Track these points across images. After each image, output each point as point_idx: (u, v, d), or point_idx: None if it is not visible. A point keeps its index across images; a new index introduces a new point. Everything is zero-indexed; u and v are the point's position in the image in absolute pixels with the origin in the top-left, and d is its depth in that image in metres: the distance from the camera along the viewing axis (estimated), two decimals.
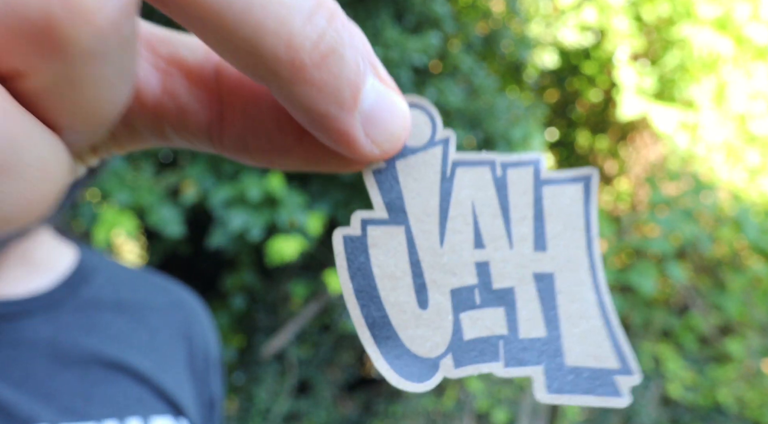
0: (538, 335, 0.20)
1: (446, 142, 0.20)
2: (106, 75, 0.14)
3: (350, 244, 0.20)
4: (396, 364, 0.20)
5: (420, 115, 0.20)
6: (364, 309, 0.20)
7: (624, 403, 0.20)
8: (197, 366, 0.67)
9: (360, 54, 0.17)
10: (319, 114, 0.17)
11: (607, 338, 0.20)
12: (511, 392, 2.47)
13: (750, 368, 2.62)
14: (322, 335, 2.61)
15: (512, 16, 2.74)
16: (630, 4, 3.23)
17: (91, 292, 0.63)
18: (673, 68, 3.10)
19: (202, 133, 0.20)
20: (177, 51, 0.20)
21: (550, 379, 0.20)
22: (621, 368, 0.20)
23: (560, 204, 0.21)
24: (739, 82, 3.05)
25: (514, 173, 0.21)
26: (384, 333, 0.20)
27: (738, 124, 3.08)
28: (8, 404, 0.53)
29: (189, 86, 0.19)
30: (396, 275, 0.20)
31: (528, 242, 0.20)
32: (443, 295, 0.20)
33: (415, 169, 0.20)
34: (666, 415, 2.61)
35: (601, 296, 0.21)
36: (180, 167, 2.27)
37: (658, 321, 2.78)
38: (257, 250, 2.27)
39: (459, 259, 0.20)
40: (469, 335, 0.20)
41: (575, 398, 0.20)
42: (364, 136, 0.18)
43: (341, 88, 0.17)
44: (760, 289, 2.72)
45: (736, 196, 2.86)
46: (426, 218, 0.20)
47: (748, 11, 3.03)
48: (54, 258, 0.63)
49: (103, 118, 0.15)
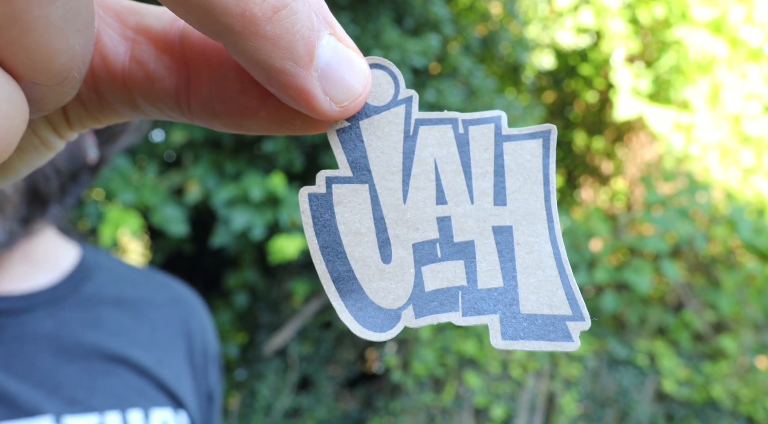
0: (496, 285, 0.21)
1: (409, 101, 0.21)
2: (52, 16, 0.14)
3: (315, 201, 0.20)
4: (359, 315, 0.20)
5: (383, 76, 0.20)
6: (329, 264, 0.20)
7: (574, 347, 0.21)
8: (196, 361, 0.68)
9: (313, 9, 0.17)
10: (275, 70, 0.17)
11: (561, 287, 0.21)
12: (509, 387, 2.50)
13: (743, 364, 2.65)
14: (323, 332, 2.63)
15: (510, 18, 2.77)
16: (626, 7, 3.27)
17: (93, 288, 0.64)
18: (668, 70, 3.13)
19: (171, 100, 0.20)
20: (143, 20, 0.20)
21: (505, 326, 0.21)
22: (573, 314, 0.21)
23: (520, 159, 0.21)
24: (733, 83, 3.08)
25: (476, 130, 0.21)
26: (349, 287, 0.21)
27: (732, 125, 3.12)
28: (14, 395, 0.54)
29: (156, 53, 0.20)
30: (360, 231, 0.21)
31: (488, 196, 0.21)
32: (406, 249, 0.21)
33: (379, 128, 0.21)
34: (661, 410, 2.64)
35: (556, 247, 0.21)
36: (183, 167, 2.30)
37: (653, 318, 2.81)
38: (259, 249, 2.30)
39: (421, 214, 0.21)
40: (430, 286, 0.21)
41: (529, 343, 0.20)
42: (322, 94, 0.18)
43: (295, 43, 0.17)
44: (753, 287, 2.74)
45: (730, 196, 2.89)
46: (390, 176, 0.21)
47: (743, 14, 3.06)
48: (57, 256, 0.64)
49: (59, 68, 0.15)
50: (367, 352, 2.78)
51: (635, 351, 2.71)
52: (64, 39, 0.14)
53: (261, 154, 2.29)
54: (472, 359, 2.50)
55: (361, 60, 0.19)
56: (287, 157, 2.25)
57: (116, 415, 0.58)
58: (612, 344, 2.72)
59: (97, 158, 0.64)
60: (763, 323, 2.70)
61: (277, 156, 2.24)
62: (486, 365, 2.48)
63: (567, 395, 2.51)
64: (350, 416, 2.57)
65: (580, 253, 2.70)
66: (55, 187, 0.61)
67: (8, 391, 0.54)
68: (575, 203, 3.52)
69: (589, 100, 3.65)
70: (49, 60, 0.15)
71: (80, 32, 0.15)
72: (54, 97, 0.16)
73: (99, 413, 0.57)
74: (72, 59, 0.15)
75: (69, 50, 0.15)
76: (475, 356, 2.48)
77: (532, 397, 2.54)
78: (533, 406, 2.54)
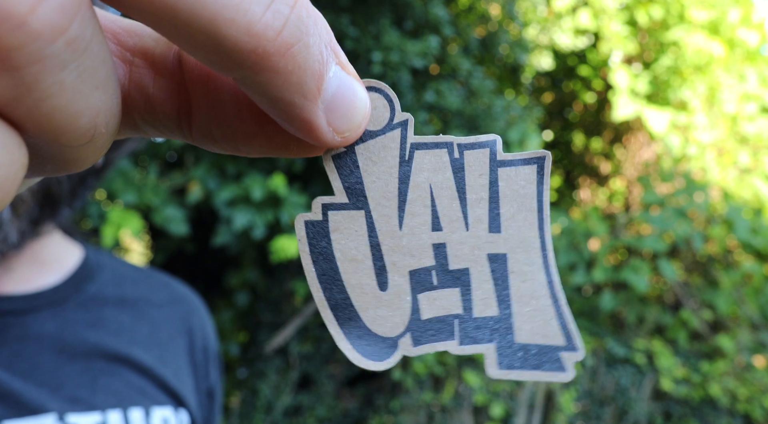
0: (491, 313, 0.21)
1: (404, 125, 0.20)
2: (66, 81, 0.14)
3: (312, 229, 0.20)
4: (357, 344, 0.20)
5: (378, 99, 0.20)
6: (326, 292, 0.20)
7: (568, 378, 0.21)
8: (197, 358, 0.69)
9: (323, 42, 0.17)
10: (284, 103, 0.17)
11: (555, 317, 0.21)
12: (508, 386, 2.51)
13: (741, 363, 2.66)
14: (323, 331, 2.64)
15: (509, 20, 2.79)
16: (624, 8, 3.29)
17: (95, 288, 0.65)
18: (666, 71, 3.14)
19: (172, 123, 0.20)
20: (142, 41, 0.19)
21: (501, 356, 0.21)
22: (566, 344, 0.21)
23: (515, 186, 0.21)
24: (730, 84, 3.10)
25: (471, 155, 0.21)
26: (346, 314, 0.20)
27: (729, 126, 3.13)
28: (18, 393, 0.55)
29: (155, 77, 0.19)
30: (357, 258, 0.20)
31: (483, 223, 0.21)
32: (402, 276, 0.21)
33: (375, 153, 0.20)
34: (659, 409, 2.65)
35: (550, 276, 0.21)
36: (185, 168, 2.31)
37: (651, 317, 2.83)
38: (260, 248, 2.31)
39: (417, 241, 0.21)
40: (426, 314, 0.21)
41: (524, 373, 0.21)
42: (326, 125, 0.18)
43: (306, 78, 0.17)
44: (750, 286, 2.76)
45: (727, 196, 2.91)
46: (385, 202, 0.20)
47: (740, 15, 3.08)
48: (61, 257, 0.65)
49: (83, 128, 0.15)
50: None
51: (633, 350, 2.72)
52: (83, 99, 0.14)
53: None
54: (471, 358, 2.51)
55: (362, 88, 0.19)
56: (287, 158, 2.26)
57: (118, 413, 0.58)
58: (610, 343, 2.74)
59: (102, 163, 0.65)
60: (760, 322, 2.72)
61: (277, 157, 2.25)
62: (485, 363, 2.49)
63: (565, 394, 2.53)
64: (350, 415, 2.59)
65: (578, 252, 2.72)
66: (66, 190, 0.62)
67: (12, 389, 0.54)
68: (574, 203, 3.54)
69: (587, 100, 3.66)
70: (71, 122, 0.14)
71: (100, 89, 0.15)
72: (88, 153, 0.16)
73: (101, 411, 0.58)
74: (96, 117, 0.15)
75: (91, 109, 0.15)
76: (475, 355, 2.49)
77: (531, 395, 2.55)
78: (532, 404, 2.55)
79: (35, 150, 0.15)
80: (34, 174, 0.17)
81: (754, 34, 3.09)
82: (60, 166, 0.17)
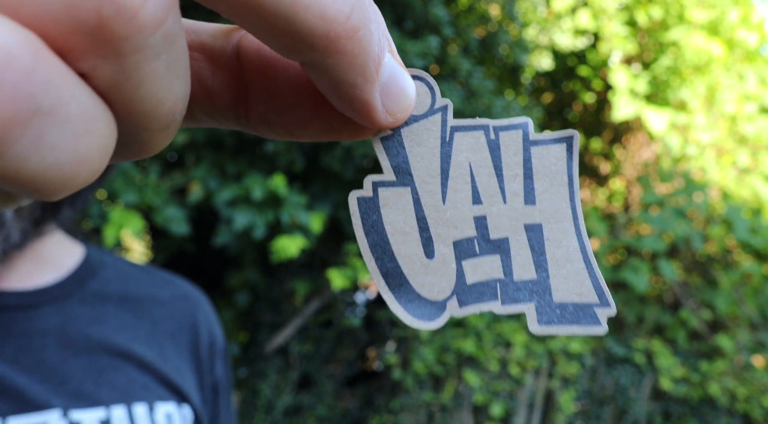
0: (530, 277, 0.23)
1: (445, 110, 0.23)
2: (159, 69, 0.15)
3: (364, 204, 0.22)
4: (409, 307, 0.22)
5: (421, 87, 0.22)
6: (378, 261, 0.22)
7: (603, 331, 0.22)
8: (202, 354, 0.69)
9: (381, 29, 0.19)
10: (347, 85, 0.18)
11: (588, 278, 0.23)
12: (508, 385, 2.52)
13: (740, 362, 2.67)
14: (323, 331, 2.65)
15: (509, 20, 2.79)
16: (623, 9, 3.29)
17: (97, 285, 0.65)
18: (665, 71, 3.15)
19: (229, 113, 0.21)
20: (200, 38, 0.21)
21: (540, 314, 0.23)
22: (600, 302, 0.23)
23: (546, 162, 0.23)
24: (729, 84, 3.11)
25: (506, 136, 0.23)
26: (397, 281, 0.22)
27: (729, 126, 3.14)
28: (22, 389, 0.55)
29: (213, 70, 0.21)
30: (405, 230, 0.22)
31: (519, 197, 0.23)
32: (447, 246, 0.23)
33: (418, 135, 0.22)
34: (658, 408, 2.66)
35: (582, 242, 0.23)
36: (186, 168, 2.32)
37: (650, 317, 2.83)
38: (261, 248, 2.31)
39: (460, 214, 0.23)
40: (470, 279, 0.23)
41: (563, 328, 0.22)
42: (381, 106, 0.20)
43: (368, 61, 0.18)
44: (749, 286, 2.76)
45: (726, 196, 2.92)
46: (429, 179, 0.22)
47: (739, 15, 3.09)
48: (63, 255, 0.66)
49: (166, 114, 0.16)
50: (367, 351, 2.80)
51: (633, 350, 2.73)
52: (168, 87, 0.16)
53: (262, 155, 2.31)
54: (471, 358, 2.52)
55: (409, 75, 0.21)
56: (288, 158, 2.27)
57: (122, 409, 0.59)
58: (610, 343, 2.74)
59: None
60: (759, 321, 2.73)
61: (278, 157, 2.26)
62: (485, 363, 2.50)
63: (565, 393, 2.54)
64: (350, 414, 2.60)
65: None
66: None
67: (17, 385, 0.55)
68: None
69: (587, 101, 3.67)
70: (157, 108, 0.16)
71: (180, 79, 0.16)
72: (161, 139, 0.18)
73: (105, 407, 0.58)
74: (176, 104, 0.17)
75: (173, 97, 0.16)
76: (474, 355, 2.50)
77: (531, 395, 2.56)
78: (532, 404, 2.56)
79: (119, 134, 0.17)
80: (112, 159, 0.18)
81: (753, 34, 3.10)
82: (135, 151, 0.18)
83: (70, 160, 0.14)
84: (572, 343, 2.61)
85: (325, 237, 2.37)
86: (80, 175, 0.15)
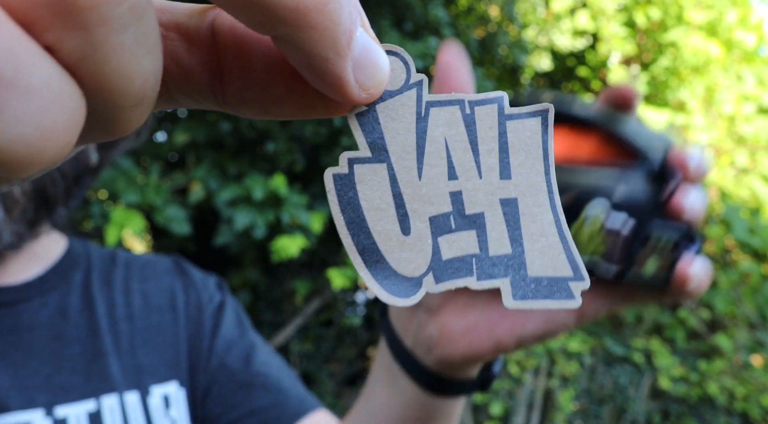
0: (505, 252, 0.23)
1: (420, 85, 0.22)
2: (126, 43, 0.15)
3: (339, 181, 0.22)
4: (385, 283, 0.22)
5: (395, 62, 0.22)
6: (354, 238, 0.22)
7: (576, 305, 0.22)
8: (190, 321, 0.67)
9: (352, 3, 0.19)
10: (318, 58, 0.18)
11: (563, 252, 0.23)
12: (507, 384, 2.53)
13: (738, 362, 2.68)
14: (323, 331, 2.66)
15: (508, 21, 2.80)
16: (622, 10, 3.30)
17: (81, 274, 0.65)
18: (664, 71, 3.16)
19: (206, 91, 0.21)
20: (174, 17, 0.21)
21: (515, 288, 0.23)
22: (574, 275, 0.23)
23: (522, 136, 0.23)
24: (728, 85, 3.12)
25: (481, 111, 0.23)
26: (373, 258, 0.22)
27: (727, 126, 3.15)
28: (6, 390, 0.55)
29: (189, 48, 0.21)
30: (381, 206, 0.22)
31: (495, 171, 0.23)
32: (423, 222, 0.22)
33: (394, 110, 0.22)
34: (657, 407, 2.67)
35: (557, 215, 0.23)
36: (186, 168, 2.33)
37: (649, 317, 2.84)
38: (261, 248, 2.32)
39: (435, 190, 0.23)
40: (446, 255, 0.23)
41: (536, 302, 0.23)
42: (354, 81, 0.19)
43: (339, 34, 0.18)
44: (748, 285, 2.77)
45: (725, 196, 2.93)
46: (405, 155, 0.22)
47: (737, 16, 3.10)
48: (48, 248, 0.66)
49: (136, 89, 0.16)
50: (367, 350, 2.81)
51: (632, 349, 2.74)
52: (137, 62, 0.16)
53: (263, 155, 2.32)
54: None
55: (382, 50, 0.21)
56: (288, 158, 2.28)
57: (113, 397, 0.59)
58: (609, 342, 2.75)
59: (98, 161, 0.66)
60: (757, 321, 2.74)
61: (278, 157, 2.27)
62: None
63: (564, 393, 2.55)
64: None
65: None
66: (62, 191, 0.62)
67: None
68: None
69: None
70: (126, 83, 0.16)
71: (151, 54, 0.16)
72: (134, 117, 0.18)
73: (95, 398, 0.58)
74: (146, 80, 0.17)
75: (143, 72, 0.16)
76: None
77: (530, 394, 2.57)
78: (531, 403, 2.57)
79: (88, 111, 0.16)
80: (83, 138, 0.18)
81: (751, 35, 3.11)
82: (108, 129, 0.18)
83: (35, 134, 0.14)
84: (571, 342, 2.62)
85: (325, 237, 2.38)
86: (47, 149, 0.14)
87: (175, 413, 0.62)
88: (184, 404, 0.63)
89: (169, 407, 0.62)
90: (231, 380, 0.65)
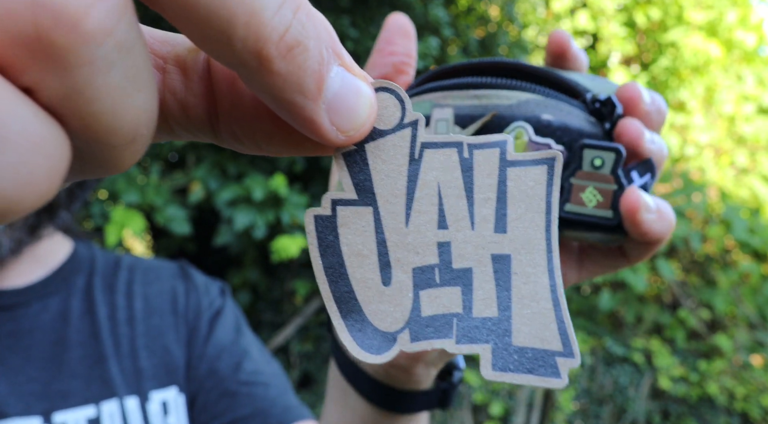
0: (491, 314, 0.21)
1: (415, 125, 0.21)
2: (113, 81, 0.14)
3: (320, 223, 0.21)
4: (358, 336, 0.21)
5: (389, 99, 0.20)
6: (332, 285, 0.21)
7: (561, 384, 0.20)
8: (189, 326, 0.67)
9: (324, 44, 0.18)
10: (285, 102, 0.17)
11: (554, 321, 0.21)
12: (507, 385, 2.53)
13: (738, 362, 2.68)
14: (324, 331, 2.66)
15: (508, 21, 2.81)
16: (622, 10, 3.31)
17: (84, 279, 0.65)
18: (664, 71, 3.16)
19: (204, 126, 0.21)
20: (175, 50, 0.20)
21: (496, 357, 0.21)
22: (564, 350, 0.20)
23: (523, 186, 0.21)
24: (728, 85, 3.12)
25: (481, 155, 0.21)
26: (349, 307, 0.21)
27: (727, 126, 3.16)
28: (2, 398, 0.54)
29: (187, 83, 0.20)
30: (363, 253, 0.21)
31: (489, 223, 0.21)
32: (406, 273, 0.21)
33: (384, 151, 0.20)
34: (657, 407, 2.67)
35: (554, 279, 0.21)
36: (186, 168, 2.33)
37: (649, 317, 2.84)
38: (261, 248, 2.32)
39: (422, 239, 0.21)
40: (426, 311, 0.21)
41: (517, 376, 0.20)
42: (329, 124, 0.18)
43: (305, 79, 0.17)
44: (747, 285, 2.77)
45: (725, 196, 2.93)
46: (393, 199, 0.21)
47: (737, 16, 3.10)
48: (52, 251, 0.66)
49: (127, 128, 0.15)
50: None
51: (631, 349, 2.74)
52: (127, 101, 0.15)
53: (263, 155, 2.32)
54: (470, 357, 2.53)
55: (368, 88, 0.19)
56: (288, 158, 2.29)
57: (113, 403, 0.58)
58: (609, 342, 2.75)
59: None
60: (757, 321, 2.74)
61: (278, 157, 2.27)
62: None
63: (564, 393, 2.55)
64: None
65: None
66: (63, 195, 0.62)
67: None
68: None
69: None
70: (116, 123, 0.15)
71: (142, 91, 0.15)
72: (128, 155, 0.17)
73: (95, 404, 0.57)
74: (138, 118, 0.16)
75: (134, 110, 0.15)
76: (474, 354, 2.51)
77: (530, 394, 2.57)
78: (531, 403, 2.57)
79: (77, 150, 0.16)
80: (75, 175, 0.18)
81: (751, 35, 3.11)
82: (100, 167, 0.17)
83: (13, 185, 0.13)
84: None
85: None
86: (26, 199, 0.14)
87: (173, 420, 0.61)
88: (183, 410, 0.63)
89: (168, 414, 0.61)
90: (218, 386, 0.64)
